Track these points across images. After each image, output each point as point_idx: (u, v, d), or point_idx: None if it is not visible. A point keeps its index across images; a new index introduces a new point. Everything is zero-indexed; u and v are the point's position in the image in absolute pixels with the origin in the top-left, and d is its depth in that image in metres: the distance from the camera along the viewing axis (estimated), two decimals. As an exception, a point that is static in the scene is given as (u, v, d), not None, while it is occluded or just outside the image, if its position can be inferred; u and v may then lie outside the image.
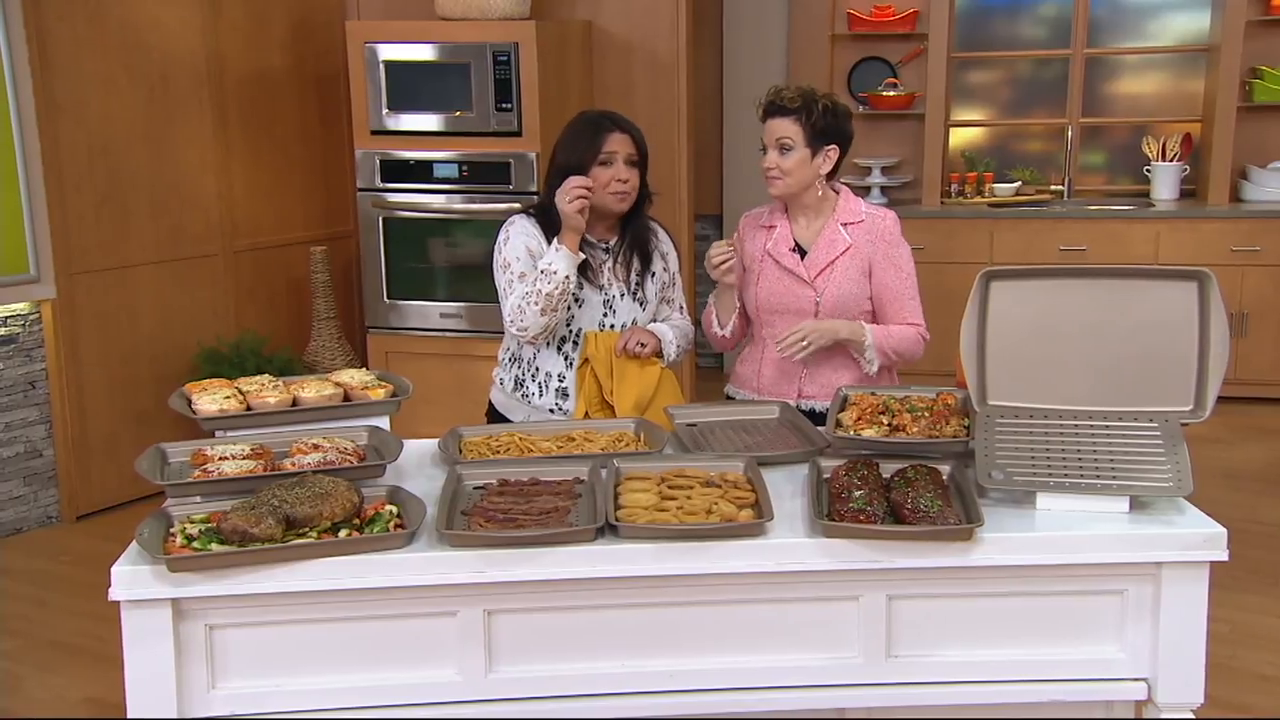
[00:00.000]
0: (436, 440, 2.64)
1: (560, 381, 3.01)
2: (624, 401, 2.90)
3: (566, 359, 3.00)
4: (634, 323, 3.02)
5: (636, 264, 3.03)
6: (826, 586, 2.14)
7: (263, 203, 5.49)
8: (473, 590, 2.09)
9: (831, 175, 3.00)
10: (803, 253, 2.99)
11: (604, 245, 3.02)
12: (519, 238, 2.97)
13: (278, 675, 2.11)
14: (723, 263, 2.91)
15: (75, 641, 3.84)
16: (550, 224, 2.94)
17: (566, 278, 2.86)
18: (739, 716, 2.22)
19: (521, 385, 3.05)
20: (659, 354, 2.99)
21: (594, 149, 2.91)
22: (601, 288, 2.99)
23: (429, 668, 2.13)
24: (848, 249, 2.96)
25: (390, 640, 2.12)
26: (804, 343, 2.86)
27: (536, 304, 2.87)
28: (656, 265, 3.07)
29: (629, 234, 3.02)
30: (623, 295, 3.01)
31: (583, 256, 2.91)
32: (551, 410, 3.01)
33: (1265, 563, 4.17)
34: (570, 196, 2.84)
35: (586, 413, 2.92)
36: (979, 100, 6.87)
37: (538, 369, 3.03)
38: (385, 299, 5.34)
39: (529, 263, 2.93)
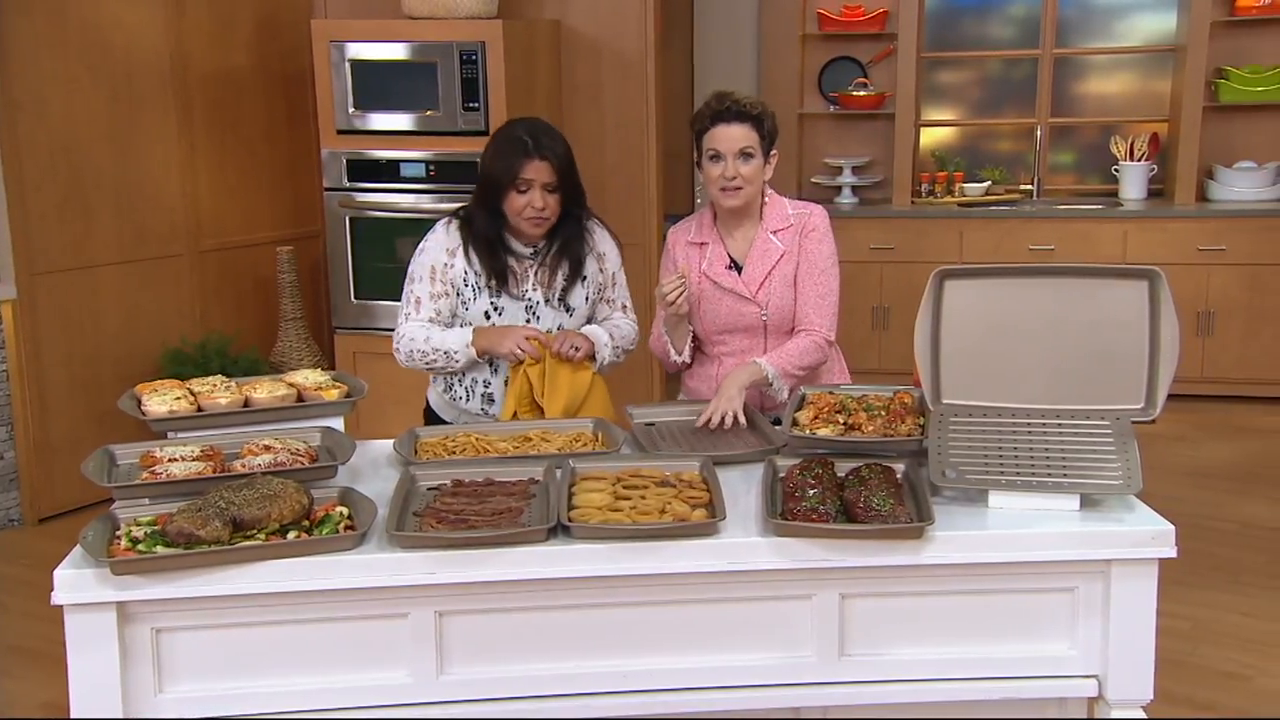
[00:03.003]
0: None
1: (485, 387, 2.97)
2: (554, 404, 2.83)
3: (492, 364, 2.94)
4: (560, 328, 2.94)
5: (565, 269, 2.94)
6: (779, 586, 2.14)
7: (228, 203, 5.45)
8: (424, 592, 2.08)
9: None
10: (739, 268, 2.92)
11: (530, 250, 2.94)
12: (432, 253, 2.93)
13: (226, 679, 2.09)
14: (677, 298, 2.80)
15: (34, 646, 3.80)
16: (474, 232, 2.90)
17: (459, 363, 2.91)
18: (693, 716, 2.21)
19: (451, 388, 3.01)
20: (592, 358, 2.91)
21: (510, 175, 2.83)
22: (523, 295, 2.93)
23: (380, 670, 2.11)
24: (782, 256, 2.89)
25: (340, 642, 2.10)
26: (729, 416, 2.70)
27: (425, 364, 2.93)
28: (590, 268, 2.97)
29: (557, 241, 2.93)
30: (546, 302, 2.94)
31: (485, 359, 2.92)
32: (478, 414, 2.98)
33: (1228, 560, 4.19)
34: (520, 347, 2.82)
35: (515, 413, 2.86)
36: (949, 100, 6.89)
37: (464, 373, 2.97)
38: (353, 299, 5.31)
39: (428, 287, 2.91)
